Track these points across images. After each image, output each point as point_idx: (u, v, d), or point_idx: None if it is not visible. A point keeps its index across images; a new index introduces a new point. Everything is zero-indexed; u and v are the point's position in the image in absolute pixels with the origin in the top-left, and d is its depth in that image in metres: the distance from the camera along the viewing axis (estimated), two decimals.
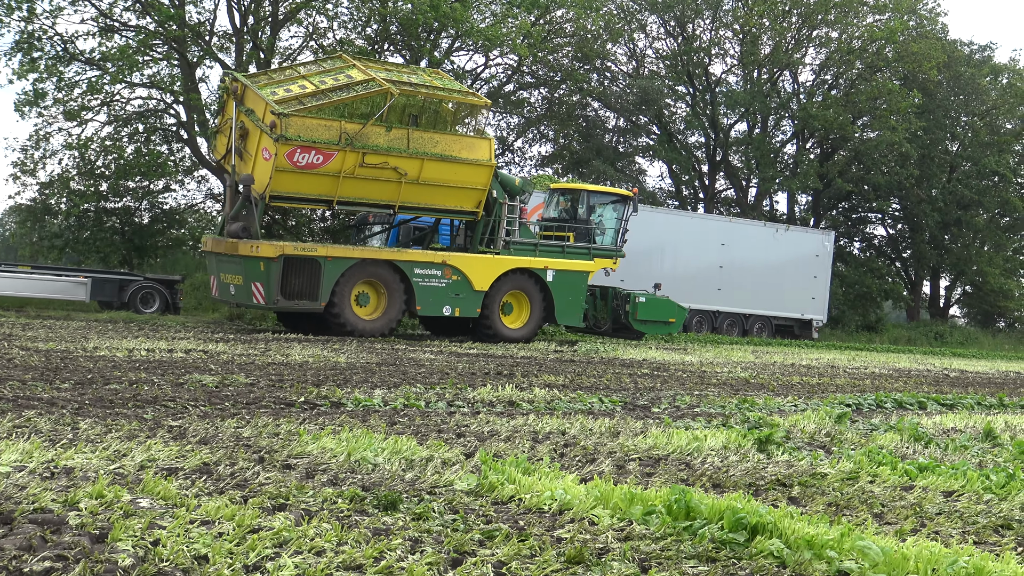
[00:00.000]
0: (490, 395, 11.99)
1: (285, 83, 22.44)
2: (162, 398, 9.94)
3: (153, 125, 37.30)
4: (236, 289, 22.58)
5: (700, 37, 49.46)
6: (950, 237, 53.60)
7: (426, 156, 22.84)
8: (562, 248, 26.00)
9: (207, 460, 6.81)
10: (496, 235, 24.82)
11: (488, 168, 23.92)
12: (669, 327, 28.76)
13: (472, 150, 23.67)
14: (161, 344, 16.93)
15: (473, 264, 24.25)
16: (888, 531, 6.02)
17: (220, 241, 22.74)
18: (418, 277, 23.43)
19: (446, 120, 23.47)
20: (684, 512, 5.65)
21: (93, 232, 34.73)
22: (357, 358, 16.71)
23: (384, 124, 22.25)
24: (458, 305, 24.09)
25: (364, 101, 22.07)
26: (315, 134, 21.59)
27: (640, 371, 17.94)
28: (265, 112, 21.50)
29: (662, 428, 9.77)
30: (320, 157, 21.72)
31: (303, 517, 5.38)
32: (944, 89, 52.11)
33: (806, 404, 13.58)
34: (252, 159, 21.97)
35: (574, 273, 25.82)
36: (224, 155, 23.10)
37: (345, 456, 7.15)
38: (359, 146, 21.99)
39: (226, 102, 22.93)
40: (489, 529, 5.40)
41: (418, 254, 23.74)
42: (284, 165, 21.45)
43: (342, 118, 21.86)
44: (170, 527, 4.96)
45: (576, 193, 28.01)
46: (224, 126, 23.03)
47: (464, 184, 23.81)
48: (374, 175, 22.51)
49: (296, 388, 11.53)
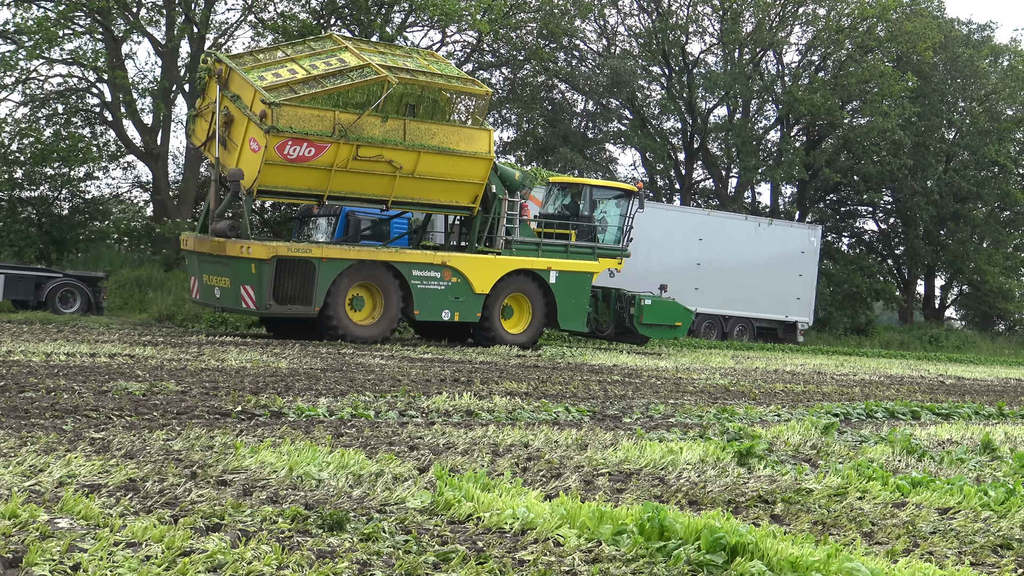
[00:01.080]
0: (446, 404, 11.98)
1: (273, 66, 22.45)
2: (83, 407, 9.86)
3: (74, 106, 37.01)
4: (222, 292, 22.58)
5: (676, 13, 49.64)
6: (946, 232, 54.09)
7: (423, 148, 22.99)
8: (565, 247, 26.20)
9: (133, 476, 6.76)
10: (495, 233, 24.98)
11: (487, 161, 24.09)
12: (675, 331, 28.96)
13: (471, 142, 23.81)
14: (83, 348, 16.78)
15: (474, 265, 24.41)
16: (879, 551, 6.07)
17: (204, 240, 22.66)
18: (416, 279, 23.60)
19: (444, 110, 23.60)
20: (658, 531, 5.67)
21: (7, 224, 34.36)
22: (300, 363, 16.66)
23: (380, 114, 22.36)
24: (458, 309, 24.25)
25: (360, 90, 22.15)
26: (307, 125, 21.64)
27: (610, 378, 17.99)
28: (254, 100, 21.46)
29: (634, 440, 9.80)
30: (312, 150, 21.77)
31: (240, 538, 5.36)
32: (940, 72, 52.58)
33: (790, 414, 13.67)
34: (238, 149, 21.96)
35: (578, 274, 26.08)
36: (205, 142, 23.09)
37: (286, 471, 7.13)
38: (353, 138, 22.08)
39: (208, 84, 22.79)
40: (445, 551, 5.40)
41: (417, 255, 23.92)
42: (274, 158, 21.48)
43: (336, 108, 21.93)
44: (92, 550, 4.92)
45: (578, 188, 28.14)
46: (206, 110, 22.92)
47: (461, 178, 23.98)
48: (368, 168, 22.66)
49: (232, 396, 11.48)
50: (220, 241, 22.04)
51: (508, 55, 46.42)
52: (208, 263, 22.75)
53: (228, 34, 38.20)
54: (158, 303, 28.97)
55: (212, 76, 22.44)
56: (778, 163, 49.05)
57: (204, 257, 22.81)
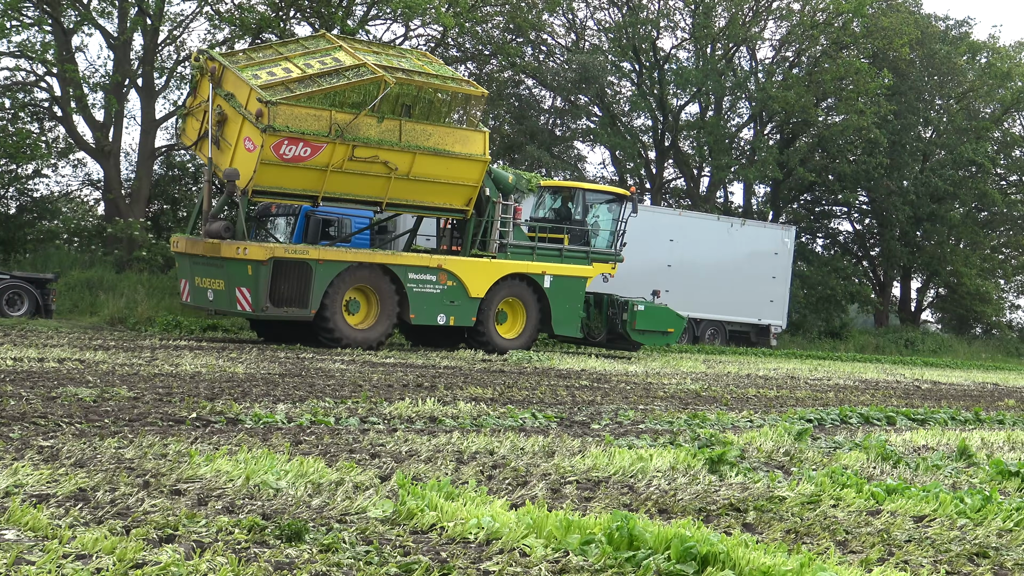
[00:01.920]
0: (409, 410, 11.97)
1: (267, 65, 22.72)
2: (31, 414, 9.79)
3: (22, 100, 36.69)
4: (215, 295, 22.75)
5: (647, 7, 49.76)
6: (922, 233, 54.47)
7: (418, 150, 23.33)
8: (560, 252, 26.65)
9: (84, 485, 6.72)
10: (489, 237, 25.35)
11: (482, 163, 24.44)
12: (667, 337, 29.27)
13: (465, 144, 24.15)
14: (30, 352, 16.67)
15: (469, 269, 24.82)
16: (853, 560, 6.11)
17: (197, 241, 22.80)
18: (412, 283, 23.96)
19: (440, 111, 23.95)
20: (627, 541, 5.69)
21: None
22: (257, 368, 16.61)
23: (376, 115, 22.64)
24: (453, 313, 24.62)
25: (356, 89, 22.40)
26: (304, 124, 21.88)
27: (578, 383, 18.02)
28: (250, 98, 21.66)
29: (603, 447, 9.82)
30: (308, 149, 22.03)
31: (194, 550, 5.34)
32: (917, 69, 52.97)
33: (763, 419, 13.73)
34: (231, 149, 22.13)
35: (572, 279, 26.54)
36: (196, 142, 23.25)
37: (243, 480, 7.11)
38: (349, 138, 22.34)
39: (199, 82, 22.95)
40: (407, 562, 5.40)
41: (413, 257, 24.23)
42: (270, 158, 21.68)
43: (332, 107, 22.18)
44: (40, 562, 4.89)
45: (570, 192, 28.57)
46: (197, 109, 23.08)
47: (456, 180, 24.30)
48: (363, 169, 22.93)
49: (187, 403, 11.43)
50: (214, 242, 22.17)
51: (474, 50, 46.42)
52: (201, 265, 22.87)
53: (183, 26, 38.03)
54: (110, 306, 28.79)
55: (205, 74, 22.55)
56: (751, 162, 49.27)
57: (196, 259, 22.93)
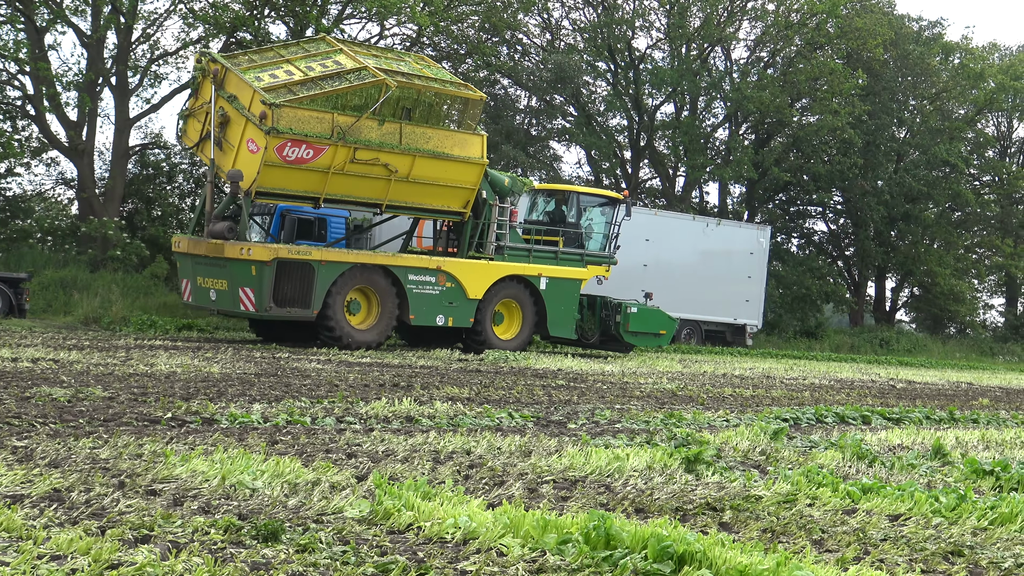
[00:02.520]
0: (385, 410, 11.96)
1: (268, 67, 23.08)
2: (5, 414, 9.75)
3: None
4: (218, 295, 23.08)
5: (622, 7, 49.81)
6: (897, 233, 54.74)
7: (418, 152, 23.79)
8: (555, 254, 27.12)
9: (58, 486, 6.69)
10: (485, 239, 25.75)
11: (479, 166, 24.89)
12: (659, 339, 29.60)
13: (464, 147, 24.63)
14: (4, 352, 16.58)
15: (468, 270, 25.26)
16: (829, 559, 6.14)
17: (199, 242, 23.09)
18: (412, 284, 24.36)
19: (439, 114, 24.42)
20: (604, 540, 5.70)
21: None
22: (233, 368, 16.56)
23: (377, 118, 23.02)
24: (452, 314, 25.05)
25: (358, 92, 22.81)
26: (307, 127, 22.28)
27: (555, 382, 18.04)
28: (253, 100, 21.99)
29: (579, 446, 9.83)
30: (311, 151, 22.42)
31: (170, 550, 5.32)
32: (891, 69, 53.21)
33: (739, 419, 13.78)
34: (234, 151, 22.46)
35: (568, 281, 27.01)
36: (198, 143, 23.51)
37: (219, 480, 7.09)
38: (351, 141, 22.75)
39: (201, 84, 23.24)
40: (384, 562, 5.40)
41: (412, 259, 24.65)
42: (273, 159, 22.05)
43: (335, 110, 22.58)
44: (14, 563, 4.86)
45: (563, 195, 29.06)
46: (199, 110, 23.35)
47: (454, 183, 24.76)
48: (363, 171, 23.35)
49: (162, 403, 11.39)
50: (218, 243, 22.45)
51: (449, 49, 46.37)
52: (204, 265, 23.17)
53: (159, 25, 37.88)
54: (84, 305, 28.64)
55: (207, 76, 22.85)
56: (726, 162, 49.38)
57: (199, 259, 23.22)
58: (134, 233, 36.21)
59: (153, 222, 38.17)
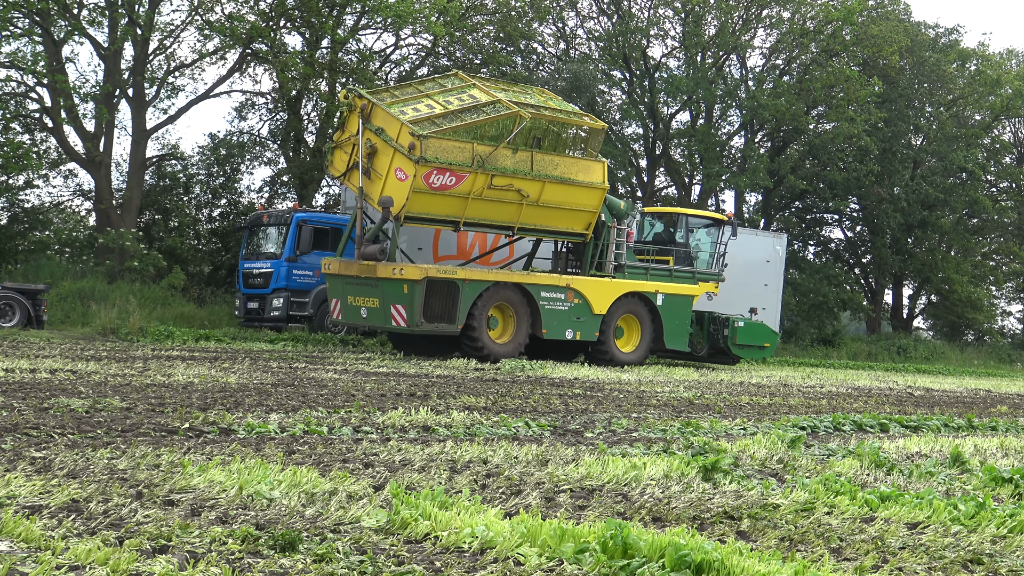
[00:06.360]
0: (402, 419, 11.95)
1: (410, 101, 24.96)
2: (24, 425, 9.77)
3: (13, 111, 36.66)
4: (369, 312, 24.99)
5: (637, 16, 49.86)
6: (914, 240, 54.58)
7: (547, 178, 25.78)
8: (670, 272, 29.20)
9: (76, 496, 6.70)
10: (605, 258, 27.61)
11: (601, 191, 26.88)
12: (764, 352, 31.70)
13: (587, 173, 26.66)
14: (22, 363, 16.63)
15: (593, 287, 27.12)
16: (847, 568, 6.11)
17: (350, 263, 25.18)
18: (544, 300, 26.25)
19: (565, 142, 26.38)
20: (621, 550, 5.69)
21: None
22: (250, 378, 16.58)
23: (511, 147, 25.00)
24: (579, 328, 26.90)
25: (494, 124, 24.78)
26: (450, 156, 24.21)
27: (571, 391, 18.02)
28: (401, 132, 23.86)
29: (596, 455, 9.81)
30: (454, 179, 24.37)
31: (188, 560, 5.32)
32: (907, 76, 53.11)
33: (756, 427, 13.73)
34: (382, 179, 24.34)
35: (681, 297, 29.04)
36: (344, 173, 25.44)
37: (236, 490, 7.09)
38: (489, 168, 24.75)
39: (347, 118, 25.17)
40: (401, 571, 5.39)
41: (545, 277, 26.62)
42: (420, 186, 23.93)
43: (474, 140, 24.56)
44: (33, 573, 4.87)
45: (672, 217, 31.36)
46: (346, 143, 25.26)
47: (578, 206, 26.72)
48: (499, 196, 25.34)
49: (180, 413, 11.41)
50: (369, 264, 24.38)
51: (464, 58, 46.43)
52: (354, 285, 25.11)
53: (174, 37, 38.04)
54: (101, 316, 28.74)
55: (354, 110, 24.70)
56: (742, 170, 49.32)
57: (350, 279, 25.20)
58: (151, 244, 36.35)
59: (170, 233, 38.33)
